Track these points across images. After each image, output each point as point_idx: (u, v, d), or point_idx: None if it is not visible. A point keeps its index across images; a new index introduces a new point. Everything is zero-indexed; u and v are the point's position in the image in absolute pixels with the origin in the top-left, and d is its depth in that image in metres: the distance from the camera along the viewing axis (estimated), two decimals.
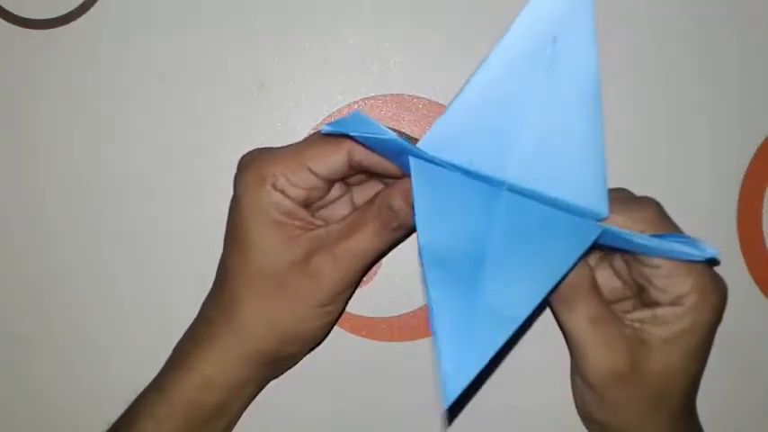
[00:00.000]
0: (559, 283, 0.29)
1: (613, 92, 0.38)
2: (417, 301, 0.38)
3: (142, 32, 0.38)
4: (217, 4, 0.38)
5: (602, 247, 0.31)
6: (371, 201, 0.32)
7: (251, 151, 0.33)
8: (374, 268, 0.39)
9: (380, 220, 0.31)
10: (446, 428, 0.38)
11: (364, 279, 0.38)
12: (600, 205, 0.28)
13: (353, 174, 0.32)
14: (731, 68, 0.38)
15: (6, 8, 0.38)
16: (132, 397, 0.34)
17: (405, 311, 0.39)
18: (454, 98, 0.28)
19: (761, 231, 0.38)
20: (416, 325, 0.38)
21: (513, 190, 0.28)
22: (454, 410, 0.38)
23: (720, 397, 0.35)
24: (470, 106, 0.28)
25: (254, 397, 0.36)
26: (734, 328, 0.38)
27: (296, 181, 0.31)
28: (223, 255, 0.34)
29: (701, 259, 0.29)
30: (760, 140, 0.38)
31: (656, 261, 0.30)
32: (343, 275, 0.32)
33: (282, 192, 0.31)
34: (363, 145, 0.30)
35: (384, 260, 0.38)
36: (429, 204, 0.28)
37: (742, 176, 0.38)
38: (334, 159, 0.31)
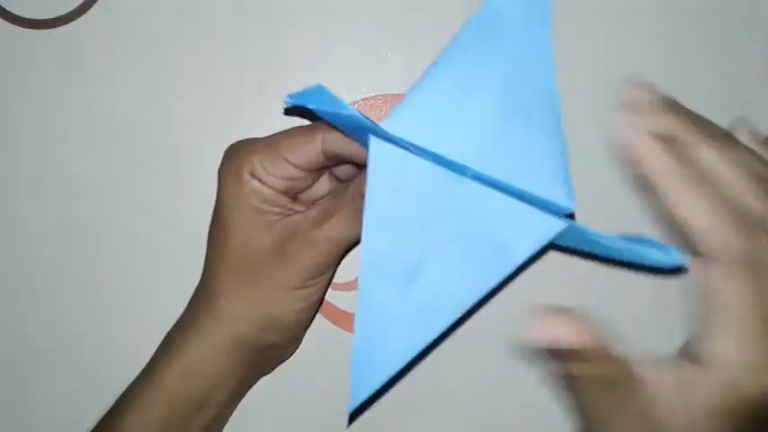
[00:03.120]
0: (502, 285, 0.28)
1: (612, 92, 0.38)
2: None
3: (142, 32, 0.38)
4: (217, 4, 0.38)
5: (564, 249, 0.29)
6: (346, 187, 0.32)
7: (233, 143, 0.33)
8: None
9: (353, 206, 0.31)
10: (347, 427, 0.38)
11: None
12: (565, 199, 0.27)
13: (332, 164, 0.33)
14: (731, 68, 0.38)
15: (6, 8, 0.38)
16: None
17: None
18: (415, 84, 0.28)
19: None
20: None
21: (477, 178, 0.27)
22: (364, 406, 0.38)
23: None
24: (432, 92, 0.27)
25: (242, 393, 0.36)
26: None
27: (273, 171, 0.32)
28: (207, 246, 0.34)
29: (669, 266, 0.26)
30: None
31: None
32: (318, 260, 0.32)
33: (260, 180, 0.32)
34: (334, 127, 0.30)
35: None
36: (382, 190, 0.27)
37: None
38: (307, 149, 0.31)
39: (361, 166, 0.32)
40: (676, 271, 0.28)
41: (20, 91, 0.38)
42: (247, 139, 0.33)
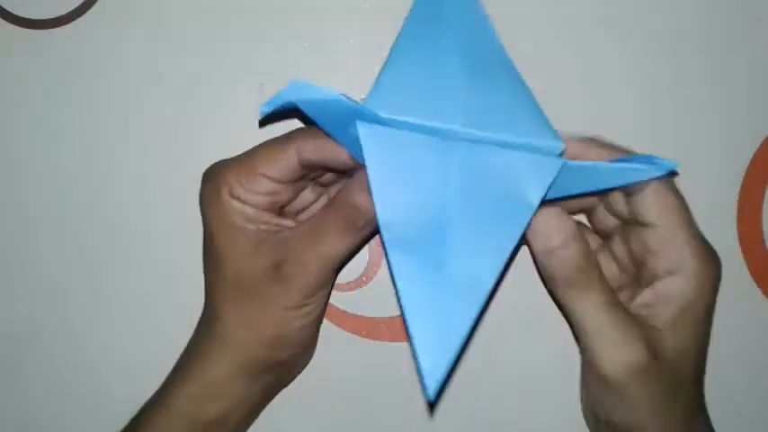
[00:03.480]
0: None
1: (613, 92, 0.38)
2: None
3: (142, 32, 0.38)
4: (217, 4, 0.38)
5: (564, 197, 0.30)
6: (333, 200, 0.31)
7: (209, 167, 0.33)
8: (374, 268, 0.39)
9: (344, 220, 0.30)
10: (431, 417, 0.38)
11: (364, 279, 0.38)
12: (553, 139, 0.28)
13: (310, 172, 0.32)
14: (731, 68, 0.38)
15: (6, 8, 0.38)
16: (135, 410, 0.35)
17: None
18: (383, 66, 0.29)
19: (761, 231, 0.38)
20: None
21: (467, 138, 0.27)
22: (437, 395, 0.38)
23: (721, 397, 0.34)
24: (400, 69, 0.29)
25: (261, 409, 0.36)
26: (734, 328, 0.38)
27: (251, 187, 0.31)
28: (204, 272, 0.34)
29: (663, 173, 0.28)
30: (760, 140, 0.38)
31: (652, 218, 0.29)
32: (313, 279, 0.31)
33: (239, 199, 0.31)
34: (310, 130, 0.30)
35: (384, 260, 0.38)
36: (383, 171, 0.27)
37: (742, 176, 0.38)
38: (283, 161, 0.31)
39: (340, 173, 0.32)
40: (671, 176, 0.30)
41: (20, 91, 0.38)
42: (222, 160, 0.33)
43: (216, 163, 0.33)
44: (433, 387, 0.25)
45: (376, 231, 0.32)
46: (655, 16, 0.38)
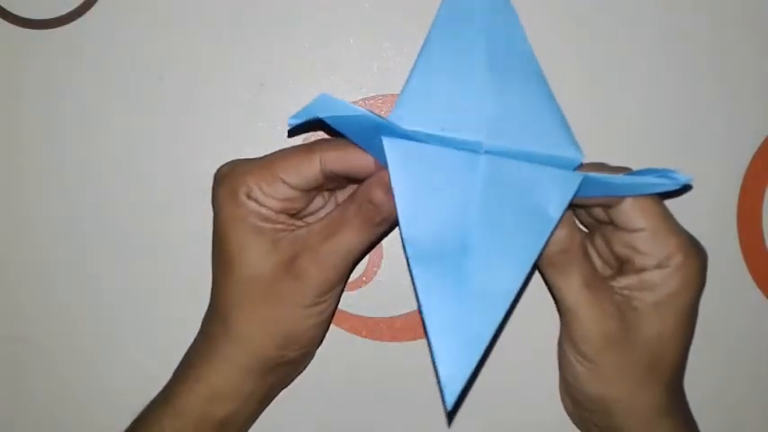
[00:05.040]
0: (545, 248, 0.29)
1: (613, 92, 0.38)
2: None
3: (142, 32, 0.38)
4: (217, 3, 0.38)
5: (581, 205, 0.31)
6: (351, 197, 0.31)
7: (225, 164, 0.33)
8: (374, 268, 0.39)
9: (362, 216, 0.31)
10: (450, 425, 0.38)
11: (364, 279, 0.38)
12: (573, 151, 0.29)
13: (331, 182, 0.32)
14: (731, 68, 0.38)
15: (6, 8, 0.38)
16: (136, 409, 0.35)
17: (405, 311, 0.39)
18: (409, 76, 0.29)
19: (761, 231, 0.38)
20: (416, 325, 0.38)
21: (491, 152, 0.28)
22: (456, 403, 0.38)
23: (721, 396, 0.34)
24: (427, 81, 0.29)
25: (263, 409, 0.36)
26: (734, 327, 0.38)
27: (270, 192, 0.31)
28: (213, 269, 0.34)
29: (676, 187, 0.29)
30: (760, 140, 0.38)
31: (639, 224, 0.31)
32: (329, 275, 0.32)
33: (257, 201, 0.31)
34: (333, 139, 0.30)
35: (384, 260, 0.38)
36: (408, 186, 0.27)
37: (742, 176, 0.38)
38: (306, 170, 0.31)
39: (360, 181, 0.32)
40: (684, 190, 0.31)
41: (20, 91, 0.38)
42: (239, 160, 0.33)
43: (232, 163, 0.33)
44: (451, 397, 0.26)
45: (391, 228, 0.32)
46: (655, 16, 0.38)
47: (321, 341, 0.36)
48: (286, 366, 0.35)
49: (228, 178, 0.32)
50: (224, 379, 0.33)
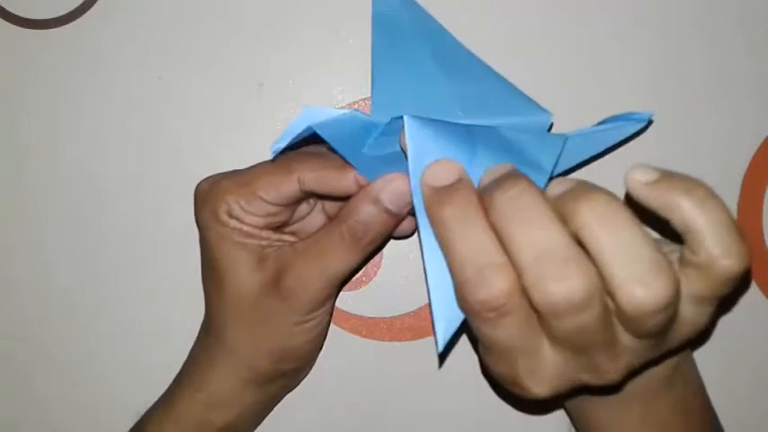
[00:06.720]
0: None
1: (613, 92, 0.38)
2: (417, 301, 0.38)
3: (142, 32, 0.38)
4: (216, 3, 0.38)
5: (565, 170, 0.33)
6: (337, 217, 0.31)
7: (204, 180, 0.32)
8: (374, 268, 0.39)
9: (348, 237, 0.30)
10: (440, 366, 0.38)
11: (364, 279, 0.38)
12: (542, 113, 0.32)
13: (312, 196, 0.32)
14: (731, 68, 0.38)
15: (6, 8, 0.38)
16: (138, 412, 0.35)
17: (405, 311, 0.39)
18: (372, 81, 0.32)
19: (761, 231, 0.38)
20: (416, 325, 0.38)
21: (474, 125, 0.29)
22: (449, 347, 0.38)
23: (721, 397, 0.34)
24: (387, 79, 0.32)
25: (267, 413, 0.36)
26: (734, 328, 0.38)
27: (250, 209, 0.31)
28: (204, 287, 0.34)
29: (644, 124, 0.32)
30: (760, 140, 0.38)
31: (715, 252, 0.25)
32: (316, 296, 0.31)
33: (238, 219, 0.31)
34: (312, 150, 0.32)
35: (384, 260, 0.38)
36: (420, 155, 0.28)
37: (742, 176, 0.38)
38: (286, 188, 0.31)
39: (335, 198, 0.32)
40: (648, 125, 0.33)
41: (20, 91, 0.38)
42: (216, 177, 0.32)
43: (208, 180, 0.32)
44: (442, 341, 0.27)
45: (378, 248, 0.32)
46: (655, 16, 0.38)
47: (318, 352, 0.36)
48: (285, 377, 0.35)
49: (209, 197, 0.32)
50: (223, 389, 0.33)
